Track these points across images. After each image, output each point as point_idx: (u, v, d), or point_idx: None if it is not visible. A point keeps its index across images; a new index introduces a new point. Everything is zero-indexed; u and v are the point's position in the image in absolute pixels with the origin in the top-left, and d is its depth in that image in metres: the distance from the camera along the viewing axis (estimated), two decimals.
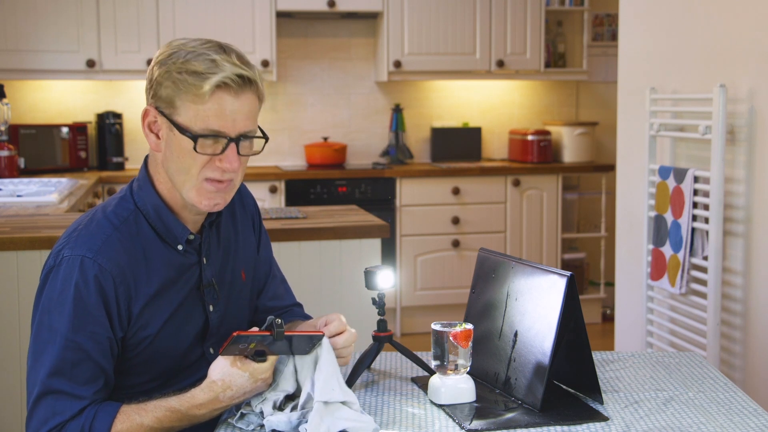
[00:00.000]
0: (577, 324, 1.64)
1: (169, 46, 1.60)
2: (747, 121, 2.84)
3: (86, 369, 1.55)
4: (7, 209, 3.32)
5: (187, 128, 1.56)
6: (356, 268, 2.83)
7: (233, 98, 1.55)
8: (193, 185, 1.60)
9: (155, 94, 1.59)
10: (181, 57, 1.55)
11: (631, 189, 3.59)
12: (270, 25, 5.09)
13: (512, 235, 5.29)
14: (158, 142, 1.61)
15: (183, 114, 1.56)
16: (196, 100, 1.54)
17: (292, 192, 5.01)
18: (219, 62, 1.54)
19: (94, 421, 1.52)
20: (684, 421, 1.57)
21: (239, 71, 1.55)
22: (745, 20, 2.85)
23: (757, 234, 2.83)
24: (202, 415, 1.55)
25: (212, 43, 1.58)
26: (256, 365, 1.54)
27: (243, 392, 1.54)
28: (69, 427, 1.52)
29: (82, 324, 1.54)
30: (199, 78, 1.53)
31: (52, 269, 1.57)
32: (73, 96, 5.24)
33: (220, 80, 1.53)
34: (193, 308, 1.70)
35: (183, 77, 1.54)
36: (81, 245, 1.57)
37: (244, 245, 1.83)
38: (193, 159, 1.58)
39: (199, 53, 1.55)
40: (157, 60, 1.59)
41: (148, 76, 1.61)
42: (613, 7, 5.28)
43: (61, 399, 1.53)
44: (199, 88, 1.53)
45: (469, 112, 5.73)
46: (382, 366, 1.89)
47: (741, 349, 2.90)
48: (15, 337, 2.63)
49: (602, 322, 5.51)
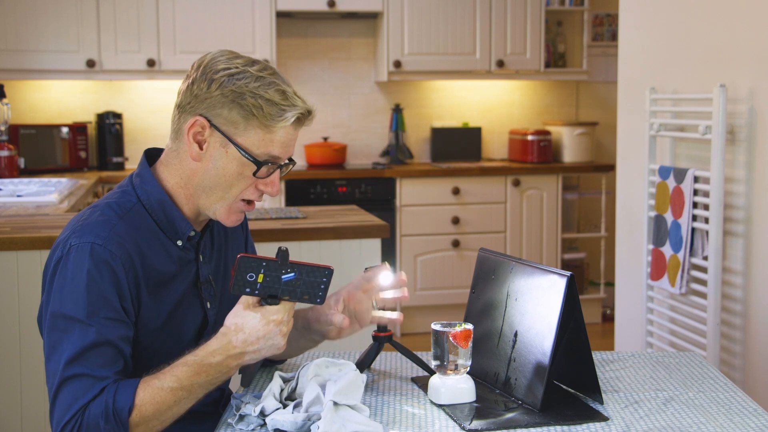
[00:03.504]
0: (577, 324, 1.64)
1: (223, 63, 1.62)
2: (747, 121, 2.84)
3: (105, 353, 1.55)
4: (7, 209, 3.32)
5: (248, 151, 1.61)
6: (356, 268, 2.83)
7: (295, 130, 1.64)
8: (227, 203, 1.65)
9: (211, 109, 1.60)
10: (250, 81, 1.59)
11: (631, 189, 3.59)
12: (270, 25, 5.09)
13: (512, 235, 5.29)
14: (200, 153, 1.63)
15: (246, 137, 1.60)
16: (266, 129, 1.60)
17: (292, 192, 5.01)
18: (289, 94, 1.61)
19: (116, 395, 1.52)
20: (684, 421, 1.57)
21: (309, 107, 1.63)
22: (745, 20, 2.85)
23: (757, 234, 2.83)
24: (218, 362, 1.55)
25: (271, 70, 1.63)
26: (268, 307, 1.55)
27: (256, 336, 1.54)
28: (92, 407, 1.51)
29: (97, 309, 1.55)
30: (275, 108, 1.59)
31: (61, 259, 1.57)
32: (73, 96, 5.24)
33: (297, 115, 1.61)
34: (191, 305, 1.72)
35: (258, 103, 1.58)
36: (88, 233, 1.58)
37: (233, 245, 1.86)
38: (240, 180, 1.63)
39: (268, 81, 1.60)
40: (215, 77, 1.60)
41: (197, 87, 1.62)
42: (613, 7, 5.28)
43: (83, 381, 1.53)
44: (275, 119, 1.59)
45: (469, 112, 5.73)
46: (382, 366, 1.89)
47: (741, 349, 2.90)
48: (15, 337, 2.63)
49: (602, 322, 5.51)
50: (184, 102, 1.64)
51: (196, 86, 1.62)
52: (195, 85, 1.62)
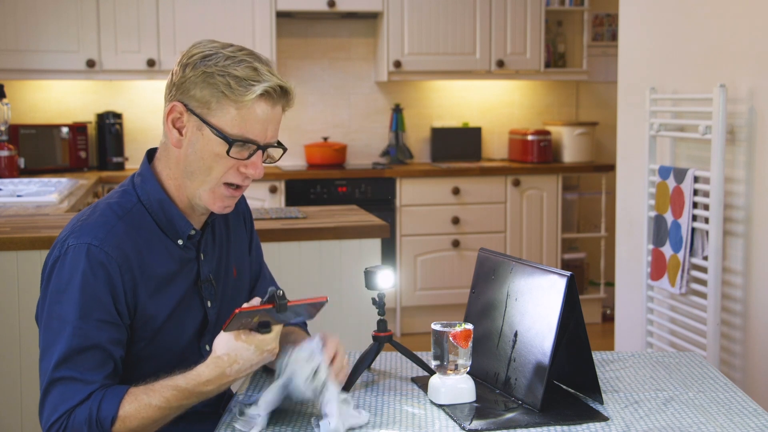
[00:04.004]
0: (577, 324, 1.64)
1: (199, 47, 1.62)
2: (747, 121, 2.84)
3: (94, 356, 1.55)
4: (7, 209, 3.32)
5: (221, 130, 1.58)
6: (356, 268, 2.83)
7: (270, 108, 1.60)
8: (210, 187, 1.63)
9: (186, 92, 1.60)
10: (220, 60, 1.58)
11: (631, 189, 3.59)
12: (270, 25, 5.09)
13: (512, 235, 5.29)
14: (180, 139, 1.63)
15: (219, 116, 1.59)
16: (236, 105, 1.57)
17: (292, 192, 5.01)
18: (260, 71, 1.58)
19: (101, 403, 1.52)
20: (684, 421, 1.57)
21: (280, 82, 1.59)
22: (744, 20, 2.85)
23: (757, 234, 2.83)
24: (210, 391, 1.55)
25: (247, 51, 1.61)
26: (262, 337, 1.53)
27: (250, 365, 1.54)
28: (78, 411, 1.52)
29: (90, 311, 1.55)
30: (243, 84, 1.56)
31: (58, 259, 1.58)
32: (73, 96, 5.24)
33: (265, 89, 1.57)
34: (191, 304, 1.72)
35: (225, 80, 1.56)
36: (86, 234, 1.58)
37: (235, 243, 1.85)
38: (218, 161, 1.61)
39: (239, 59, 1.58)
40: (188, 60, 1.61)
41: (175, 74, 1.63)
42: (613, 7, 5.28)
43: (71, 385, 1.53)
44: (243, 94, 1.56)
45: (469, 112, 5.73)
46: (382, 366, 1.89)
47: (741, 349, 2.90)
48: (15, 337, 2.63)
49: (602, 322, 5.51)
50: (166, 93, 1.65)
51: (175, 75, 1.63)
52: (174, 75, 1.64)
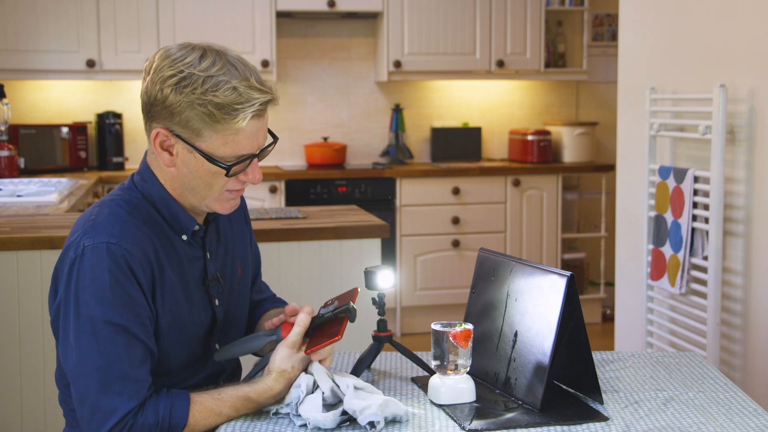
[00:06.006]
0: (577, 324, 1.64)
1: (168, 62, 1.56)
2: (747, 121, 2.84)
3: (138, 351, 1.56)
4: (7, 209, 3.32)
5: (213, 155, 1.57)
6: (356, 268, 2.83)
7: (258, 120, 1.59)
8: (215, 198, 1.65)
9: (169, 119, 1.56)
10: (198, 86, 1.53)
11: (631, 189, 3.59)
12: (270, 25, 5.09)
13: (512, 235, 5.29)
14: (172, 159, 1.61)
15: (208, 142, 1.57)
16: (224, 133, 1.56)
17: (292, 192, 5.01)
18: (242, 91, 1.54)
19: (173, 409, 1.54)
20: (684, 421, 1.57)
21: (265, 98, 1.56)
22: (745, 20, 2.85)
23: (757, 234, 2.83)
24: (275, 402, 1.62)
25: (220, 62, 1.55)
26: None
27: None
28: (144, 414, 1.53)
29: (125, 307, 1.54)
30: (227, 110, 1.53)
31: (75, 261, 1.55)
32: (73, 96, 5.24)
33: (254, 111, 1.55)
34: (200, 302, 1.71)
35: (209, 110, 1.53)
36: (101, 233, 1.56)
37: (239, 238, 1.85)
38: (217, 178, 1.61)
39: (216, 80, 1.53)
40: (164, 84, 1.55)
41: (151, 91, 1.57)
42: (613, 7, 5.28)
43: (126, 386, 1.53)
44: (229, 121, 1.54)
45: (469, 112, 5.73)
46: (382, 366, 1.89)
47: (741, 349, 2.90)
48: (15, 337, 2.63)
49: (602, 322, 5.51)
50: (144, 107, 1.62)
51: (150, 94, 1.58)
52: (149, 94, 1.58)
